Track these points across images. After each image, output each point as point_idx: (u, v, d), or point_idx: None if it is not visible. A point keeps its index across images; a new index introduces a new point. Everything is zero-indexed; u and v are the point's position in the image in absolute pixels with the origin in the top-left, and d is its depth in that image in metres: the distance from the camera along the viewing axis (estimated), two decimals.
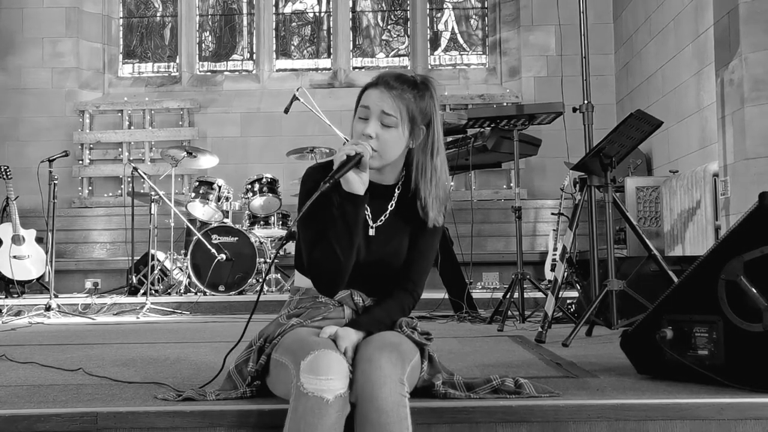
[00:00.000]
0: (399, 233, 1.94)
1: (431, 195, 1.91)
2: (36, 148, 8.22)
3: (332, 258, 1.82)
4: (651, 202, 5.84)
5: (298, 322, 1.90)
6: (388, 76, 1.89)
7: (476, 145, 4.65)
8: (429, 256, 1.99)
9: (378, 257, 1.91)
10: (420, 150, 1.92)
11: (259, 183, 6.54)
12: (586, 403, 1.86)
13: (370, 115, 1.86)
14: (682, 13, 6.44)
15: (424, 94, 1.90)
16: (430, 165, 1.92)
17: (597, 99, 4.46)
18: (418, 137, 1.90)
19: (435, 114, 1.92)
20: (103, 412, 1.80)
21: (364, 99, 1.88)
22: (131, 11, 9.20)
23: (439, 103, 1.96)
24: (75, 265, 7.77)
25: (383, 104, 1.85)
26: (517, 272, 4.23)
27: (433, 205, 1.92)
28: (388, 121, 1.85)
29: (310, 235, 1.88)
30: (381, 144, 1.85)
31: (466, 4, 9.16)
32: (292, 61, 9.12)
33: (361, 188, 1.83)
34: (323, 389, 1.58)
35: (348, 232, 1.82)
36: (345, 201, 1.83)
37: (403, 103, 1.85)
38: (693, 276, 2.11)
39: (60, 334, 3.98)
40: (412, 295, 1.94)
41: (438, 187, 1.92)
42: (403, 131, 1.87)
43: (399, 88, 1.86)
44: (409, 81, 1.89)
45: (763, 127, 4.42)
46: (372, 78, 1.92)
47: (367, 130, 1.84)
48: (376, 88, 1.88)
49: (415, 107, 1.88)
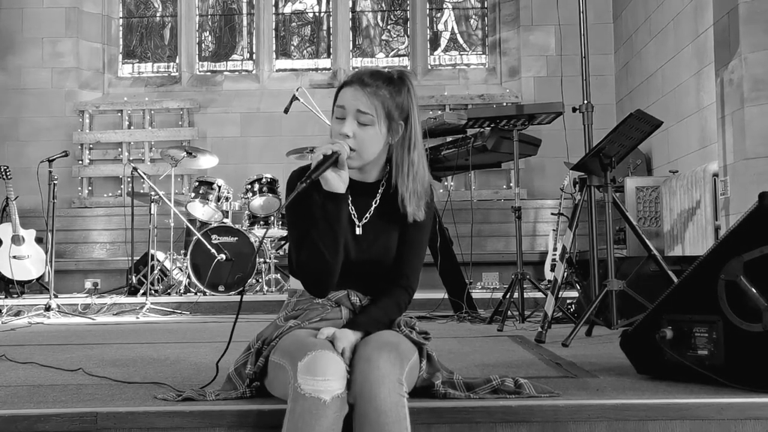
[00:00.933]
0: (386, 230, 1.94)
1: (408, 189, 1.90)
2: (36, 148, 8.21)
3: (318, 258, 1.82)
4: (651, 202, 5.84)
5: (296, 323, 1.90)
6: (362, 73, 1.88)
7: (476, 145, 4.65)
8: (419, 251, 1.98)
9: (368, 256, 1.91)
10: (398, 145, 1.91)
11: (259, 183, 6.54)
12: (586, 403, 1.86)
13: (346, 114, 1.85)
14: (682, 13, 6.44)
15: (401, 89, 1.88)
16: (407, 159, 1.90)
17: (597, 99, 4.46)
18: (397, 133, 1.89)
19: (413, 108, 1.90)
20: (103, 412, 1.81)
21: (339, 98, 1.87)
22: (131, 11, 9.20)
23: (417, 96, 1.93)
24: (75, 265, 7.76)
25: (358, 103, 1.83)
26: (516, 272, 4.23)
27: (411, 200, 1.91)
28: (365, 119, 1.84)
29: (296, 236, 1.88)
30: (359, 143, 1.84)
31: (465, 4, 9.15)
32: (292, 61, 9.12)
33: (341, 186, 1.83)
34: (320, 390, 1.58)
35: (331, 230, 1.82)
36: (326, 200, 1.83)
37: (378, 100, 1.84)
38: (693, 276, 2.11)
39: (60, 334, 3.98)
40: (406, 291, 1.94)
41: (416, 181, 1.91)
42: (381, 128, 1.86)
43: (373, 85, 1.85)
44: (384, 77, 1.88)
45: (763, 127, 4.42)
46: (347, 76, 1.91)
47: (344, 129, 1.84)
48: (350, 86, 1.86)
49: (392, 103, 1.86)
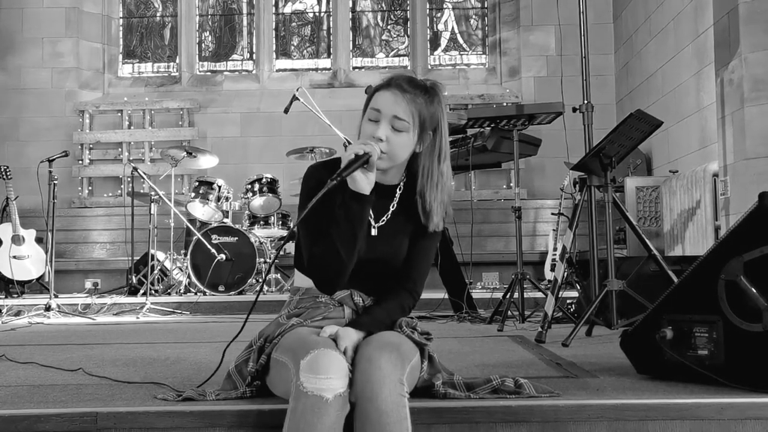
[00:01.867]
0: (400, 233, 1.94)
1: (437, 200, 1.92)
2: (36, 148, 8.21)
3: (335, 256, 1.82)
4: (651, 202, 5.84)
5: (298, 322, 1.90)
6: (400, 79, 1.88)
7: (476, 145, 4.65)
8: (430, 256, 1.99)
9: (378, 256, 1.91)
10: (427, 155, 1.91)
11: (259, 183, 6.54)
12: (586, 403, 1.86)
13: (381, 117, 1.85)
14: (682, 13, 6.44)
15: (434, 99, 1.89)
16: (437, 170, 1.92)
17: (597, 99, 4.46)
18: (425, 142, 1.90)
19: (442, 120, 1.92)
20: (103, 412, 1.81)
21: (375, 101, 1.87)
22: (131, 11, 9.19)
23: (446, 108, 1.96)
24: (75, 265, 7.77)
25: (397, 109, 1.84)
26: (517, 272, 4.23)
27: (438, 210, 1.92)
28: (400, 126, 1.84)
29: (311, 232, 1.87)
30: (391, 147, 1.84)
31: (466, 4, 9.15)
32: (292, 61, 9.12)
33: (367, 188, 1.83)
34: (323, 388, 1.58)
35: (352, 231, 1.82)
36: (351, 200, 1.82)
37: (415, 108, 1.85)
38: (693, 276, 2.11)
39: (60, 334, 3.98)
40: (412, 295, 1.94)
41: (443, 192, 1.93)
42: (413, 136, 1.87)
43: (412, 93, 1.86)
44: (420, 86, 1.89)
45: (763, 127, 4.42)
46: (383, 80, 1.91)
47: (378, 133, 1.83)
48: (388, 90, 1.86)
49: (426, 112, 1.87)
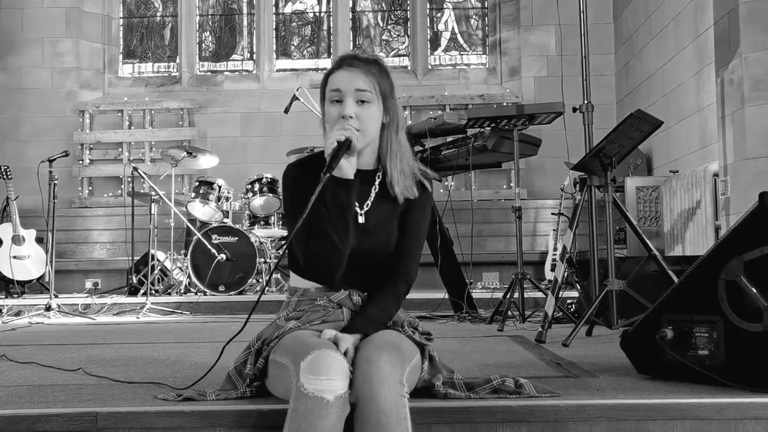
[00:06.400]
0: (387, 218, 1.95)
1: (396, 169, 1.93)
2: (36, 148, 8.21)
3: (330, 247, 1.82)
4: (651, 202, 5.84)
5: (296, 325, 1.89)
6: (347, 57, 1.92)
7: (476, 145, 4.64)
8: (417, 238, 1.98)
9: (372, 244, 1.91)
10: (386, 127, 1.94)
11: (259, 183, 6.54)
12: (586, 403, 1.86)
13: (344, 96, 1.86)
14: (682, 13, 6.44)
15: (383, 68, 1.93)
16: (396, 140, 1.94)
17: (597, 99, 4.46)
18: (390, 111, 1.92)
19: (394, 91, 1.95)
20: (103, 412, 1.81)
21: (332, 83, 1.89)
22: (131, 11, 9.19)
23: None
24: (75, 265, 7.77)
25: (357, 81, 1.86)
26: (517, 272, 4.22)
27: (399, 180, 1.93)
28: (365, 97, 1.86)
29: (304, 227, 1.85)
30: (362, 122, 1.86)
31: (466, 4, 9.15)
32: (292, 61, 9.12)
33: (351, 172, 1.85)
34: (323, 389, 1.58)
35: (343, 217, 1.82)
36: (336, 187, 1.82)
37: (373, 77, 1.88)
38: (693, 276, 2.11)
39: (60, 334, 3.98)
40: (405, 281, 1.93)
41: (403, 161, 1.95)
42: (379, 105, 1.89)
43: (364, 64, 1.89)
44: (368, 59, 1.92)
45: (763, 127, 4.42)
46: (331, 64, 1.94)
47: (346, 110, 1.85)
48: (341, 69, 1.89)
49: (383, 80, 1.90)
